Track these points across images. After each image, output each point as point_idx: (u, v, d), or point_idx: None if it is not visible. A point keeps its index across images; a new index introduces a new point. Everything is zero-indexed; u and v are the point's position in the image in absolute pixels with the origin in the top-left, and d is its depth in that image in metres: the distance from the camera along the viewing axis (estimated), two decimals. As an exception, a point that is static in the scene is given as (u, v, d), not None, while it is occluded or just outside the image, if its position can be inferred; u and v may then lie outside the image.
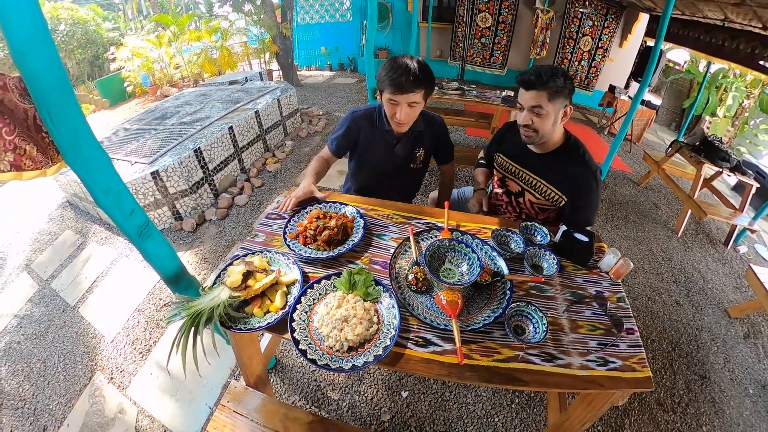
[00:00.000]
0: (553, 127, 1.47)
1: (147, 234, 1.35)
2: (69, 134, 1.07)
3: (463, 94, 3.57)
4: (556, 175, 1.56)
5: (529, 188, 1.67)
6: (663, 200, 4.16)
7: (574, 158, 1.53)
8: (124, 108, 8.18)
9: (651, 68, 3.37)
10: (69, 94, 1.03)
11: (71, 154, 1.11)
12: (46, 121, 1.02)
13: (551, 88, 1.36)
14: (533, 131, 1.47)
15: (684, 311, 2.67)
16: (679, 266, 3.14)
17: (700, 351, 2.38)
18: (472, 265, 1.19)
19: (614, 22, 6.16)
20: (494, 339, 1.09)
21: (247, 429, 1.36)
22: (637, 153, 5.42)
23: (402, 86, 1.46)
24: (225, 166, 3.82)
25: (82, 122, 1.09)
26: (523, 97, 1.44)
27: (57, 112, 1.02)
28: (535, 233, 1.49)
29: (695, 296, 2.82)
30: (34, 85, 0.97)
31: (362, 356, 1.01)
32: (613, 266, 1.33)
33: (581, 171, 1.51)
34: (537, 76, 1.37)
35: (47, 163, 1.13)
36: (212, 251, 3.15)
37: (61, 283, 3.21)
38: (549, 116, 1.42)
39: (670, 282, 2.95)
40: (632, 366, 1.04)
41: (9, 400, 2.38)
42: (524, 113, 1.46)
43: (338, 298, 1.10)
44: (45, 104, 1.00)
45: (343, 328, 1.03)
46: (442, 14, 6.98)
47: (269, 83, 5.44)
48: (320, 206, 1.50)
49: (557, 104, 1.40)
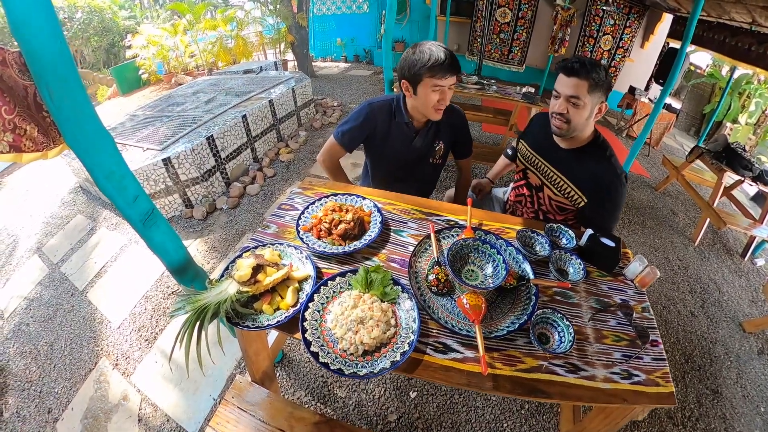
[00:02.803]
0: (586, 121, 1.40)
1: (152, 222, 1.29)
2: (70, 113, 1.00)
3: (482, 89, 3.47)
4: (579, 172, 1.48)
5: (548, 183, 1.60)
6: (681, 207, 4.04)
7: (599, 158, 1.46)
8: (138, 95, 8.22)
9: (676, 71, 3.22)
10: (71, 69, 0.96)
11: (72, 134, 1.04)
12: (45, 98, 0.96)
13: (593, 79, 1.30)
14: (566, 122, 1.40)
15: (698, 323, 2.59)
16: (695, 276, 3.04)
17: (713, 365, 2.31)
18: (497, 267, 1.11)
19: (636, 21, 5.97)
20: (517, 347, 1.03)
21: (251, 426, 1.32)
22: (655, 157, 5.28)
23: (452, 68, 1.43)
24: (237, 154, 3.77)
25: (85, 100, 1.03)
26: (563, 83, 1.37)
27: (57, 88, 0.95)
28: (560, 236, 1.42)
29: (710, 308, 2.74)
30: (33, 58, 0.90)
31: (378, 361, 0.94)
32: (638, 274, 1.26)
33: (605, 172, 1.43)
34: (581, 63, 1.31)
35: (48, 144, 1.08)
36: (222, 240, 3.12)
37: (70, 267, 3.22)
38: (585, 108, 1.35)
39: (685, 292, 2.86)
40: (656, 380, 0.98)
41: (16, 381, 2.40)
42: (560, 101, 1.39)
43: (354, 297, 1.03)
44: (44, 79, 0.93)
45: (359, 330, 0.97)
46: (460, 8, 6.82)
47: (284, 73, 5.39)
48: (336, 198, 1.43)
49: (595, 97, 1.34)
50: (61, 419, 2.11)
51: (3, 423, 2.17)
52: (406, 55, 1.48)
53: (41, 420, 2.13)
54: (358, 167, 3.96)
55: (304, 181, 1.62)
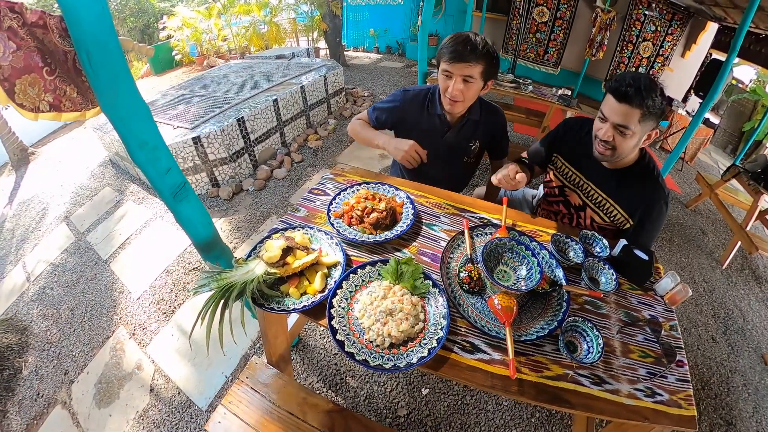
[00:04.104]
0: (632, 149, 1.29)
1: (182, 196, 1.28)
2: (107, 78, 0.99)
3: (518, 88, 3.39)
4: (627, 195, 1.39)
5: (592, 205, 1.49)
6: (711, 227, 3.85)
7: (647, 177, 1.36)
8: (170, 75, 8.40)
9: (719, 84, 3.07)
10: (110, 34, 0.95)
11: (108, 100, 1.03)
12: (84, 63, 0.95)
13: (647, 107, 1.15)
14: (611, 149, 1.28)
15: (719, 349, 2.47)
16: (720, 300, 2.89)
17: (730, 395, 2.19)
18: (531, 270, 1.07)
19: (679, 29, 5.70)
20: (544, 353, 0.99)
21: (263, 408, 1.32)
22: (688, 173, 5.07)
23: (459, 54, 1.36)
24: (267, 138, 3.79)
25: (123, 67, 1.02)
26: (611, 108, 1.21)
27: (96, 52, 0.93)
28: (594, 244, 1.36)
29: (733, 335, 2.60)
30: (73, 21, 0.89)
31: (405, 356, 0.91)
32: (669, 291, 1.20)
33: (652, 192, 1.34)
34: (636, 89, 1.13)
35: (87, 105, 1.09)
36: (246, 221, 3.15)
37: (95, 237, 3.30)
38: (634, 138, 1.22)
39: (708, 315, 2.73)
40: (678, 401, 0.94)
41: (37, 341, 2.48)
42: (606, 126, 1.25)
43: (384, 288, 1.00)
44: (84, 44, 0.92)
45: (387, 321, 0.94)
46: (497, 4, 6.65)
47: (316, 60, 5.38)
48: (368, 186, 1.40)
49: (646, 126, 1.20)
50: (77, 381, 2.17)
51: (22, 380, 2.25)
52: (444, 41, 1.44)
53: (58, 380, 2.20)
54: (386, 158, 3.94)
55: (336, 167, 1.60)
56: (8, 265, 3.37)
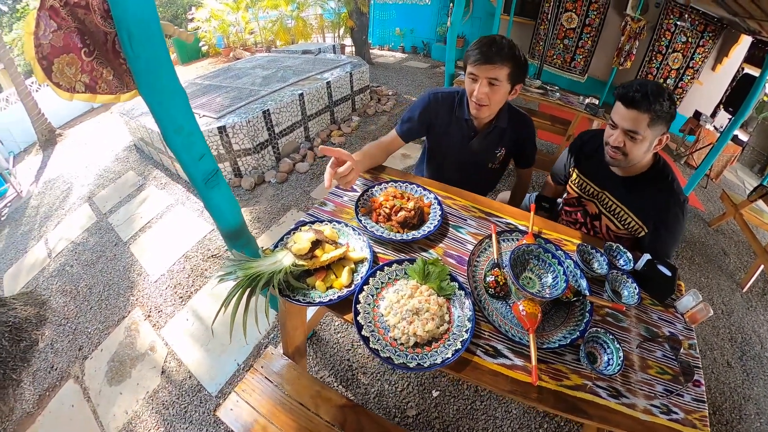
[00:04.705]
0: (644, 154, 1.28)
1: (214, 183, 1.29)
2: (147, 60, 1.00)
3: (545, 94, 3.33)
4: (639, 200, 1.38)
5: (607, 213, 1.49)
6: (733, 248, 3.73)
7: (660, 183, 1.35)
8: (196, 65, 8.55)
9: (751, 100, 3.00)
10: (152, 16, 0.95)
11: (147, 82, 1.04)
12: (124, 44, 0.95)
13: (655, 112, 1.16)
14: (622, 155, 1.29)
15: (734, 375, 2.39)
16: (738, 324, 2.81)
17: (742, 422, 2.13)
18: (557, 278, 1.06)
19: (711, 41, 5.52)
20: (565, 362, 0.99)
21: (276, 398, 1.32)
22: (713, 190, 4.93)
23: (485, 55, 1.33)
24: (291, 131, 3.82)
25: (163, 50, 1.02)
26: (621, 114, 1.23)
27: (137, 33, 0.94)
28: (618, 256, 1.34)
29: (749, 362, 2.52)
30: (116, 0, 0.90)
31: (429, 356, 0.91)
32: (690, 309, 1.18)
33: (666, 198, 1.33)
34: (643, 94, 1.16)
35: (122, 89, 1.08)
36: (267, 212, 3.18)
37: (117, 218, 3.36)
38: (644, 142, 1.23)
39: (725, 339, 2.65)
40: (693, 422, 0.93)
41: (54, 315, 2.54)
42: (617, 133, 1.26)
43: (411, 287, 1.00)
44: (125, 23, 0.92)
45: (414, 320, 0.93)
46: (525, 8, 6.59)
47: (341, 57, 5.40)
48: (397, 185, 1.40)
49: (656, 130, 1.21)
50: (90, 358, 2.23)
51: (38, 352, 2.32)
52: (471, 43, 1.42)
53: (72, 355, 2.26)
54: (408, 158, 3.94)
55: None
56: (31, 240, 3.47)
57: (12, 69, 6.00)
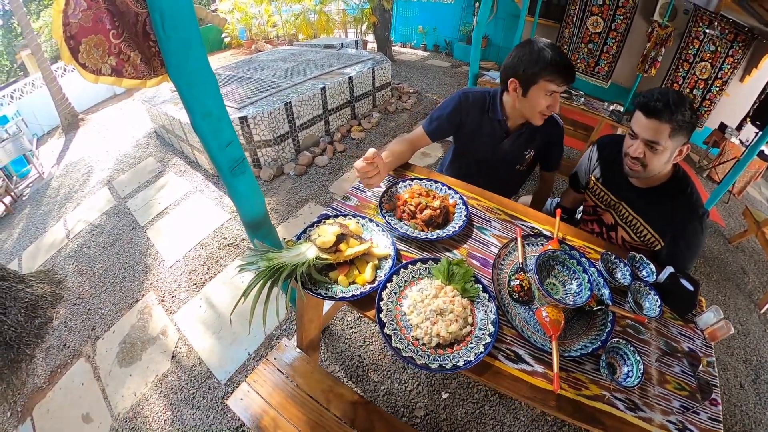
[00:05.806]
0: (664, 165, 1.24)
1: (240, 171, 1.29)
2: (179, 43, 0.98)
3: (570, 99, 3.28)
4: (656, 213, 1.34)
5: (624, 224, 1.45)
6: (753, 267, 3.60)
7: (678, 195, 1.30)
8: (218, 56, 8.63)
9: None
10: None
11: (177, 65, 1.02)
12: (156, 25, 0.94)
13: (676, 122, 1.12)
14: (641, 166, 1.25)
15: (746, 397, 2.31)
16: (754, 346, 2.72)
17: None
18: (582, 286, 1.04)
19: (740, 51, 5.32)
20: (584, 371, 0.97)
21: (287, 390, 1.32)
22: (734, 206, 4.77)
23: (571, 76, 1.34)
24: (311, 125, 3.82)
25: (195, 33, 1.00)
26: (641, 124, 1.19)
27: (170, 15, 0.92)
28: (641, 267, 1.30)
29: (762, 385, 2.43)
30: None
31: (451, 358, 0.89)
32: (710, 326, 1.15)
33: (685, 210, 1.29)
34: (664, 104, 1.12)
35: (149, 73, 1.06)
36: (284, 204, 3.18)
37: (135, 203, 3.41)
38: (665, 153, 1.19)
39: (739, 360, 2.57)
40: None
41: (69, 295, 2.59)
42: (637, 143, 1.22)
43: (435, 287, 0.98)
44: (159, 4, 0.91)
45: (437, 321, 0.91)
46: (550, 11, 6.49)
47: (363, 53, 5.39)
48: (421, 183, 1.38)
49: (677, 141, 1.17)
50: (102, 338, 2.26)
51: (52, 329, 2.36)
52: (521, 53, 1.37)
53: (84, 335, 2.30)
54: (428, 156, 3.91)
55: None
56: (51, 220, 3.54)
57: (39, 54, 6.14)
